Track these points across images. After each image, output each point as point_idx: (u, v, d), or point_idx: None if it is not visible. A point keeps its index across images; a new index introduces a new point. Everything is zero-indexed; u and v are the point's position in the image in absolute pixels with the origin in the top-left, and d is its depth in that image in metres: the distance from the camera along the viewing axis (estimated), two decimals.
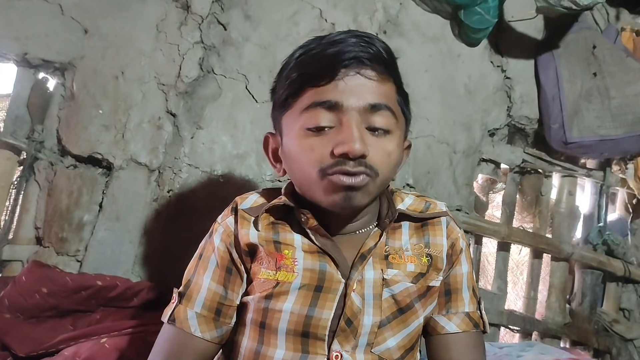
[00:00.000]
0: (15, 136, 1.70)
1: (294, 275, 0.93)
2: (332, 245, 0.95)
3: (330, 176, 0.86)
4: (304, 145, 0.89)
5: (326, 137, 0.87)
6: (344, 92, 0.86)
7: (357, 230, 1.00)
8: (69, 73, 1.74)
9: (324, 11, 1.93)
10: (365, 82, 0.87)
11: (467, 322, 1.01)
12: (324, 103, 0.86)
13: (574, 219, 2.46)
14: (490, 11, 1.97)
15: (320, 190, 0.89)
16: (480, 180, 2.51)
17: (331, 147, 0.85)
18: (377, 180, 0.89)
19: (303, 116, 0.89)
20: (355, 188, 0.86)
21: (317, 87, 0.87)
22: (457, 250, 1.04)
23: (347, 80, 0.86)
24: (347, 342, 0.90)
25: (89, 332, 1.38)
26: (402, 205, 1.03)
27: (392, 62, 0.93)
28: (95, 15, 1.74)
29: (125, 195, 1.71)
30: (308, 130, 0.88)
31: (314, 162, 0.87)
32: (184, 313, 0.96)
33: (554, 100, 2.20)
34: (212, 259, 1.00)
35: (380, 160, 0.88)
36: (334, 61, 0.87)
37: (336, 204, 0.89)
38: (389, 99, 0.90)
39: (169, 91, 1.76)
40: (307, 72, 0.89)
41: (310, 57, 0.90)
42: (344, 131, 0.85)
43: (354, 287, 0.92)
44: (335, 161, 0.85)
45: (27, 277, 1.46)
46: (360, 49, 0.87)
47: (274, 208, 1.00)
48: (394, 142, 0.91)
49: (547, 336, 2.33)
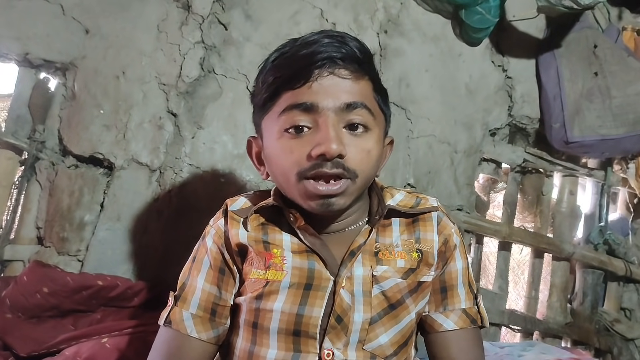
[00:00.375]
0: (16, 136, 1.71)
1: (283, 273, 0.93)
2: (320, 244, 0.95)
3: (306, 181, 0.87)
4: (284, 147, 0.89)
5: (304, 139, 0.87)
6: (319, 93, 0.86)
7: (347, 227, 1.00)
8: (70, 73, 1.74)
9: (325, 11, 1.93)
10: (339, 81, 0.88)
11: (465, 319, 1.01)
12: (299, 105, 0.87)
13: (575, 218, 2.46)
14: (491, 11, 1.97)
15: (298, 194, 0.90)
16: (482, 179, 2.51)
17: (309, 148, 0.86)
18: (357, 181, 0.89)
19: (281, 119, 0.89)
20: (333, 195, 0.87)
21: (292, 90, 0.88)
22: (450, 247, 1.03)
23: (321, 80, 0.87)
24: (338, 339, 0.90)
25: (90, 332, 1.38)
26: (392, 201, 1.03)
27: (367, 59, 0.93)
28: (96, 15, 1.74)
29: (127, 195, 1.72)
30: (286, 132, 0.89)
31: (292, 165, 0.88)
32: (179, 315, 0.97)
33: (555, 99, 2.20)
34: (205, 260, 1.01)
35: (359, 160, 0.88)
36: (308, 62, 0.87)
37: (315, 209, 0.90)
38: (364, 96, 0.90)
39: (170, 91, 1.76)
40: (282, 75, 0.89)
41: (284, 60, 0.91)
42: (321, 132, 0.85)
43: (343, 284, 0.92)
44: (313, 164, 0.86)
45: (29, 277, 1.46)
46: (333, 49, 0.87)
47: (263, 209, 1.00)
48: (372, 139, 0.91)
49: (549, 336, 2.33)
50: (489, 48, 2.21)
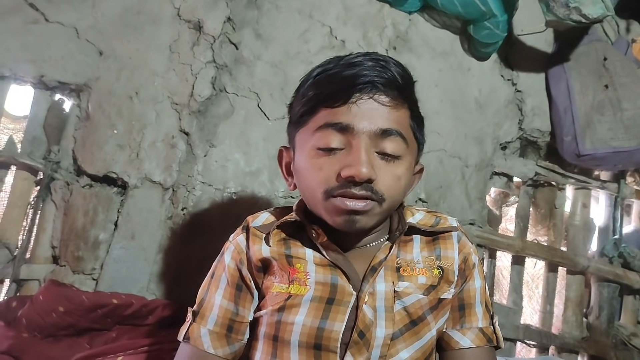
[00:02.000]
0: (32, 157, 1.73)
1: (307, 288, 0.94)
2: (343, 259, 0.96)
3: (334, 198, 0.88)
4: (314, 164, 0.90)
5: (335, 158, 0.88)
6: (356, 116, 0.87)
7: (368, 244, 1.01)
8: (85, 94, 1.77)
9: (334, 28, 1.95)
10: (378, 107, 0.88)
11: (481, 338, 1.01)
12: (335, 124, 0.88)
13: (588, 231, 2.45)
14: (499, 25, 1.98)
15: (324, 210, 0.92)
16: (493, 193, 2.50)
17: (339, 168, 0.87)
18: (384, 205, 0.90)
19: (315, 135, 0.90)
20: (358, 212, 0.88)
21: (331, 108, 0.89)
22: (469, 265, 1.04)
23: (360, 104, 0.88)
24: (359, 354, 0.90)
25: (105, 350, 1.38)
26: (412, 219, 1.04)
27: (408, 87, 0.94)
28: (109, 37, 1.77)
29: (140, 214, 1.73)
30: (319, 149, 0.90)
31: (320, 182, 0.89)
32: (197, 331, 0.98)
33: (565, 112, 2.20)
34: (222, 277, 1.02)
35: (388, 185, 0.89)
36: (349, 84, 0.88)
37: (340, 226, 0.91)
38: (400, 124, 0.91)
39: (182, 110, 1.78)
40: (322, 92, 0.90)
41: (327, 77, 0.91)
42: (353, 154, 0.86)
43: (366, 299, 0.93)
44: (341, 184, 0.87)
45: (44, 296, 1.48)
46: (375, 73, 0.88)
47: (285, 224, 1.01)
48: (403, 166, 0.92)
49: (565, 350, 2.30)
50: (498, 62, 2.22)
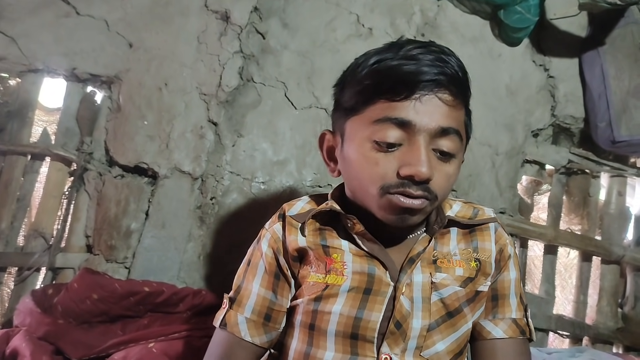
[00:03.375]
0: (65, 148, 1.77)
1: (344, 278, 0.94)
2: (379, 249, 0.96)
3: (390, 195, 0.86)
4: (369, 158, 0.88)
5: (392, 155, 0.86)
6: (419, 112, 0.85)
7: (406, 235, 1.00)
8: (115, 86, 1.80)
9: (361, 16, 1.94)
10: (441, 105, 0.86)
11: (514, 329, 1.00)
12: (396, 119, 0.85)
13: (624, 220, 2.38)
14: (530, 10, 1.93)
15: (377, 206, 0.90)
16: (525, 182, 2.45)
17: (397, 165, 0.85)
18: (435, 203, 0.90)
19: (372, 127, 0.87)
20: (413, 211, 0.87)
21: (390, 102, 0.86)
22: (505, 256, 1.03)
23: (424, 100, 0.85)
24: (396, 345, 0.90)
25: (138, 337, 1.41)
26: (450, 212, 1.03)
27: (467, 82, 0.92)
28: (139, 29, 1.80)
29: (170, 203, 1.76)
30: (375, 143, 0.87)
31: (376, 178, 0.87)
32: (234, 318, 0.99)
33: (600, 98, 2.14)
34: (260, 265, 1.02)
35: (441, 184, 0.88)
36: (413, 79, 0.85)
37: (391, 222, 0.90)
38: (459, 123, 0.90)
39: (210, 101, 1.79)
40: (382, 83, 0.87)
41: (387, 69, 0.88)
42: (413, 152, 0.85)
43: (403, 290, 0.92)
44: (400, 182, 0.85)
45: (79, 284, 1.51)
46: (438, 70, 0.85)
47: (320, 214, 1.01)
48: (455, 165, 0.91)
49: (599, 341, 2.26)
50: (530, 47, 2.18)
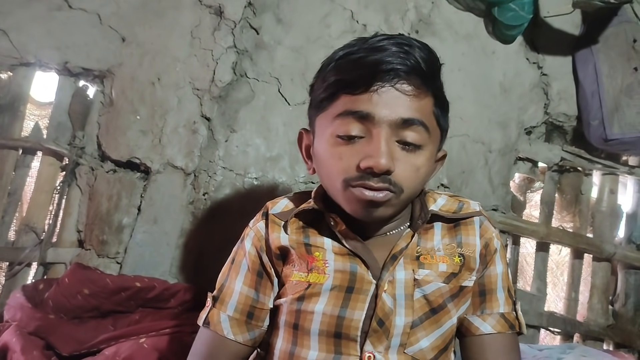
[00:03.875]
0: (57, 142, 1.77)
1: (325, 276, 0.93)
2: (362, 247, 0.95)
3: (352, 188, 0.87)
4: (333, 152, 0.89)
5: (354, 148, 0.87)
6: (377, 105, 0.85)
7: (388, 232, 1.00)
8: (108, 80, 1.79)
9: (355, 12, 1.93)
10: (400, 96, 0.85)
11: (503, 323, 0.99)
12: (356, 113, 0.86)
13: (616, 217, 2.39)
14: (525, 7, 1.93)
15: (343, 200, 0.91)
16: (517, 179, 2.46)
17: (358, 159, 0.85)
18: (402, 196, 0.89)
19: (335, 122, 0.88)
20: (376, 203, 0.87)
21: (352, 95, 0.86)
22: (491, 250, 1.02)
23: (382, 92, 0.85)
24: (379, 342, 0.90)
25: (129, 332, 1.41)
26: (434, 206, 1.02)
27: (432, 73, 0.91)
28: (132, 23, 1.79)
29: (163, 199, 1.75)
30: (338, 137, 0.88)
31: (340, 172, 0.88)
32: (217, 316, 0.99)
33: (593, 96, 2.15)
34: (243, 263, 1.03)
35: (406, 176, 0.87)
36: (371, 71, 0.85)
37: (358, 215, 0.91)
38: (423, 113, 0.88)
39: (204, 96, 1.79)
40: (344, 77, 0.88)
41: (348, 62, 0.88)
42: (373, 145, 0.84)
43: (385, 287, 0.92)
44: (360, 175, 0.85)
45: (70, 279, 1.51)
46: (399, 60, 0.85)
47: (303, 212, 1.01)
48: (424, 156, 0.89)
49: (590, 338, 2.27)
50: (523, 45, 2.18)
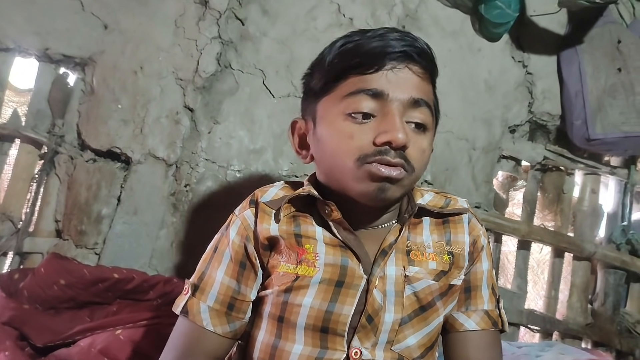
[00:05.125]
0: (36, 130, 1.73)
1: (315, 269, 0.91)
2: (354, 240, 0.94)
3: (368, 165, 0.85)
4: (343, 132, 0.87)
5: (367, 126, 0.86)
6: (391, 83, 0.86)
7: (379, 225, 0.98)
8: (89, 68, 1.76)
9: (342, 6, 1.92)
10: (412, 76, 0.88)
11: (486, 320, 0.99)
12: (369, 90, 0.86)
13: (596, 217, 2.42)
14: (511, 5, 1.94)
15: (354, 179, 0.88)
16: (501, 177, 2.47)
17: (373, 135, 0.85)
18: (412, 176, 0.89)
19: (345, 101, 0.88)
20: (392, 180, 0.86)
21: (362, 75, 0.87)
22: (478, 248, 1.02)
23: (396, 71, 0.87)
24: (367, 339, 0.89)
25: (105, 324, 1.39)
26: (421, 200, 1.02)
27: (435, 60, 0.93)
28: (115, 10, 1.76)
29: (143, 189, 1.73)
30: (349, 115, 0.87)
31: (352, 150, 0.86)
32: (197, 306, 0.96)
33: (576, 96, 2.16)
34: (226, 252, 0.99)
35: (417, 156, 0.88)
36: (383, 52, 0.87)
37: (369, 194, 0.88)
38: (429, 96, 0.91)
39: (187, 86, 1.77)
40: (352, 59, 0.88)
41: (355, 46, 0.89)
42: (388, 121, 0.85)
43: (376, 283, 0.91)
44: (377, 150, 0.85)
45: (46, 269, 1.48)
46: (406, 42, 0.88)
47: (296, 199, 0.98)
48: (429, 140, 0.91)
49: (568, 336, 2.29)
50: (509, 43, 2.18)
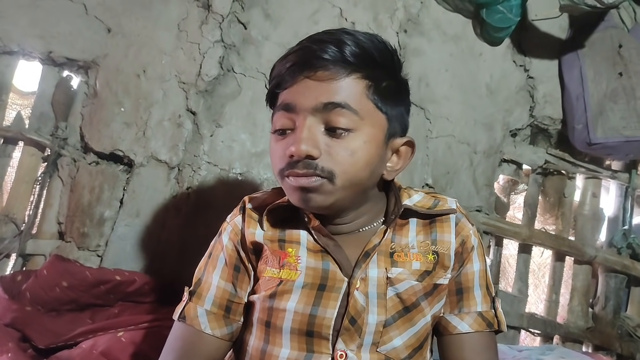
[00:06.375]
0: (39, 133, 1.74)
1: (297, 273, 0.93)
2: (334, 245, 0.94)
3: (286, 178, 0.89)
4: (272, 148, 0.93)
5: (285, 140, 0.90)
6: (297, 94, 0.88)
7: (361, 228, 0.98)
8: (93, 71, 1.77)
9: (344, 10, 1.93)
10: (318, 82, 0.87)
11: (480, 322, 0.99)
12: (284, 106, 0.89)
13: (597, 221, 2.42)
14: (512, 10, 1.94)
15: (285, 191, 0.94)
16: (502, 181, 2.48)
17: (286, 149, 0.88)
18: (337, 182, 0.86)
19: (273, 119, 0.93)
20: (308, 189, 0.87)
21: (283, 91, 0.91)
22: (468, 248, 1.01)
23: (303, 82, 0.88)
24: (351, 341, 0.90)
25: (107, 326, 1.40)
26: (408, 201, 1.00)
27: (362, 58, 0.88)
28: (118, 14, 1.77)
29: (146, 192, 1.74)
30: (274, 133, 0.93)
31: (275, 165, 0.92)
32: (194, 310, 0.98)
33: (578, 100, 2.16)
34: (220, 257, 1.02)
35: (339, 161, 0.86)
36: (294, 63, 0.89)
37: (299, 204, 0.92)
38: (348, 96, 0.87)
39: (190, 89, 1.78)
40: (277, 76, 0.93)
41: (281, 61, 0.93)
42: (295, 133, 0.87)
43: (357, 285, 0.91)
44: (288, 163, 0.87)
45: (48, 271, 1.49)
46: (319, 48, 0.87)
47: (278, 208, 1.00)
48: (359, 139, 0.87)
49: (569, 340, 2.29)
50: (511, 48, 2.19)
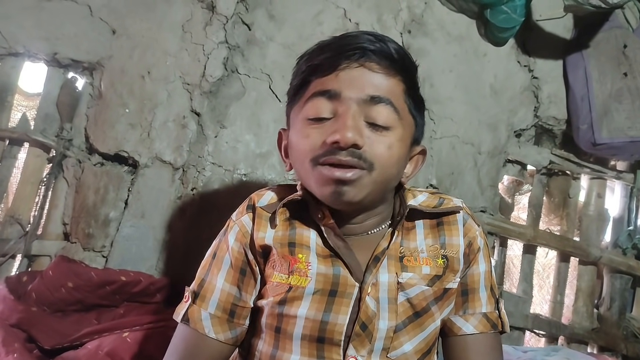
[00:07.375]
0: (44, 134, 1.75)
1: (307, 279, 0.91)
2: (344, 248, 0.93)
3: (320, 166, 0.86)
4: (303, 134, 0.89)
5: (323, 127, 0.87)
6: (344, 82, 0.86)
7: (370, 230, 0.98)
8: (97, 72, 1.78)
9: (348, 11, 1.93)
10: (367, 73, 0.87)
11: (485, 323, 0.98)
12: (324, 92, 0.87)
13: (602, 222, 2.41)
14: (517, 10, 1.94)
15: (314, 182, 0.89)
16: (506, 181, 2.47)
17: (325, 136, 0.85)
18: (374, 174, 0.86)
19: (306, 106, 0.89)
20: (345, 182, 0.85)
21: (321, 78, 0.88)
22: (474, 249, 1.00)
23: (349, 70, 0.86)
24: (362, 346, 0.89)
25: (112, 326, 1.40)
26: (413, 202, 1.00)
27: (403, 61, 0.91)
28: (122, 16, 1.77)
29: (150, 193, 1.74)
30: (308, 120, 0.89)
31: (307, 151, 0.87)
32: (198, 314, 0.96)
33: (582, 100, 2.16)
34: (225, 258, 0.99)
35: (379, 153, 0.86)
36: (338, 52, 0.87)
37: (327, 198, 0.89)
38: (392, 93, 0.88)
39: (194, 90, 1.78)
40: (313, 63, 0.90)
41: (319, 49, 0.91)
42: (339, 120, 0.85)
43: (369, 290, 0.90)
44: (326, 150, 0.84)
45: (54, 272, 1.49)
46: (367, 42, 0.87)
47: (290, 203, 0.98)
48: (395, 136, 0.88)
49: (574, 341, 2.29)
50: (515, 48, 2.18)
